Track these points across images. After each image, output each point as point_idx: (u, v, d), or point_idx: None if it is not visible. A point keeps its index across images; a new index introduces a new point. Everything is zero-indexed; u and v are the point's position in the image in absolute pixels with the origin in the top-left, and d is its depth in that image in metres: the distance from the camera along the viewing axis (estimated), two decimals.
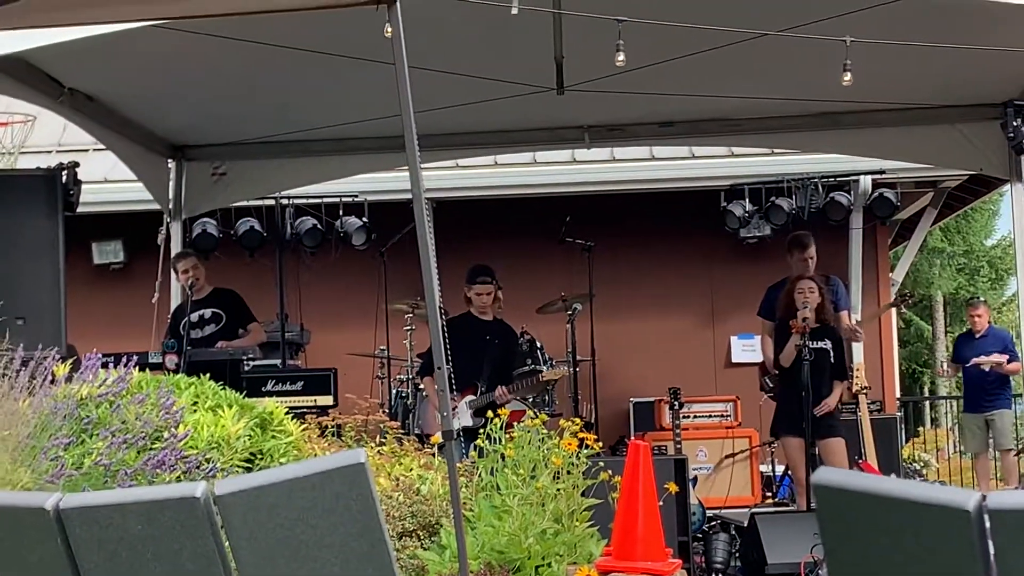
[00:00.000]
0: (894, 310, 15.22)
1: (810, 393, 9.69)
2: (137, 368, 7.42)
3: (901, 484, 1.66)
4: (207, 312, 11.13)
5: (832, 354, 10.08)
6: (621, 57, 7.85)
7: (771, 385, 11.02)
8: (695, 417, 12.33)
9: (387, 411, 11.23)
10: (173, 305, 11.43)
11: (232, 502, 2.03)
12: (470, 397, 10.44)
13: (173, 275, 11.60)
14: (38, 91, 9.41)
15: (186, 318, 10.84)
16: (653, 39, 8.36)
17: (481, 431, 7.51)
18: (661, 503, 6.99)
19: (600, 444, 7.53)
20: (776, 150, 13.28)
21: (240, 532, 2.03)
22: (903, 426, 12.95)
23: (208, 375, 7.97)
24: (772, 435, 10.62)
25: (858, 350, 13.17)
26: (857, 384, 11.54)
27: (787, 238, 11.50)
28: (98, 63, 9.12)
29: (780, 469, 12.13)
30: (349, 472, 1.98)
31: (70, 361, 7.48)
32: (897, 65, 9.23)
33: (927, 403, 30.11)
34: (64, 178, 9.52)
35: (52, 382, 6.79)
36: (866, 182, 13.33)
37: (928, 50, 8.56)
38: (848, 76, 8.24)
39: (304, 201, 12.76)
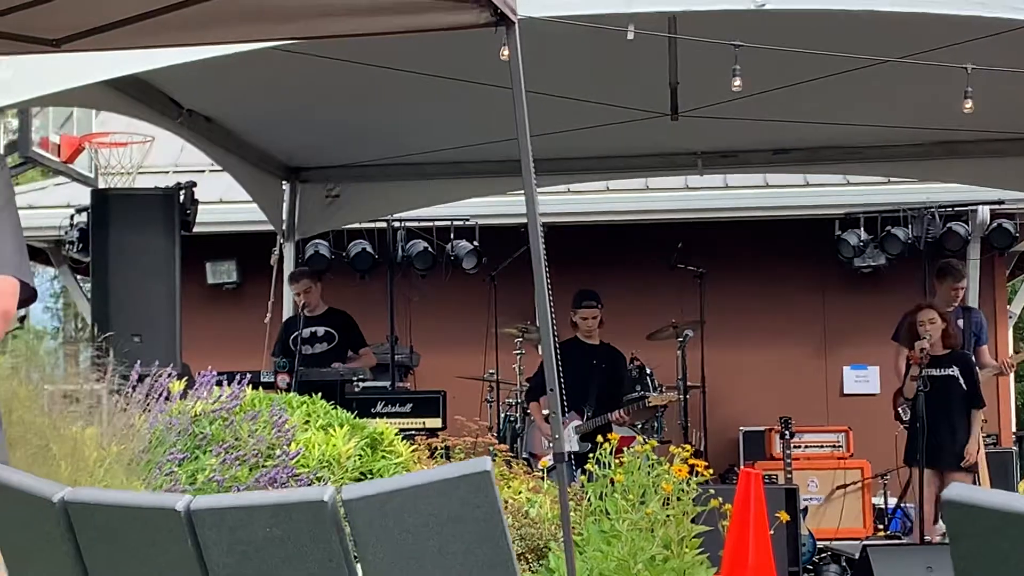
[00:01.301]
0: (1010, 340, 14.96)
1: (926, 424, 9.54)
2: (250, 387, 7.50)
3: None
4: (320, 330, 11.22)
5: (962, 380, 9.85)
6: (737, 82, 7.81)
7: (907, 415, 10.83)
8: (806, 447, 12.20)
9: (495, 434, 11.23)
10: None
11: (359, 507, 2.04)
12: (576, 422, 10.42)
13: (285, 296, 11.72)
14: (157, 112, 9.55)
15: (297, 332, 10.93)
16: (769, 64, 8.31)
17: (590, 455, 7.48)
18: (772, 532, 6.91)
19: (710, 471, 7.46)
20: (892, 178, 13.14)
21: (366, 537, 2.04)
22: (1019, 460, 12.69)
23: (319, 394, 8.03)
24: (906, 463, 10.42)
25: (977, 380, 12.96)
26: None
27: (938, 265, 11.27)
28: (216, 85, 9.24)
29: (893, 501, 11.97)
30: (475, 480, 1.98)
31: (184, 378, 7.58)
32: (1018, 93, 9.10)
33: None
34: (181, 198, 9.66)
35: (167, 398, 6.88)
36: (984, 212, 13.14)
37: None
38: (969, 104, 8.12)
39: (415, 224, 12.82)
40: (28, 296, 3.45)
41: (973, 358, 10.47)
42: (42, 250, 14.28)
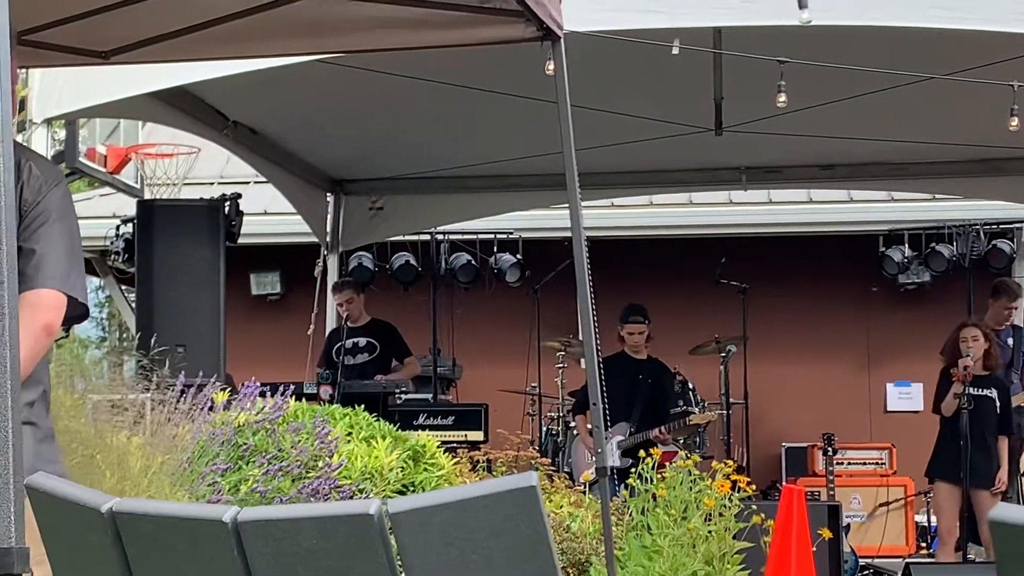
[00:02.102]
0: None
1: (968, 442, 9.50)
2: (293, 398, 7.53)
3: None
4: (362, 340, 11.26)
5: (998, 403, 9.84)
6: (783, 98, 7.81)
7: None
8: (849, 464, 12.16)
9: (537, 448, 11.24)
10: None
11: (404, 520, 2.05)
12: (619, 438, 10.41)
13: (328, 308, 11.76)
14: (203, 123, 9.60)
15: (340, 343, 10.99)
16: (814, 80, 8.30)
17: (632, 471, 7.47)
18: (814, 549, 6.89)
19: (753, 487, 7.45)
20: (937, 195, 13.09)
21: (411, 550, 2.04)
22: None
23: (362, 406, 8.05)
24: (927, 475, 10.38)
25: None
26: None
27: (995, 282, 11.21)
28: (262, 97, 9.28)
29: (936, 520, 11.91)
30: (521, 494, 1.99)
31: (228, 389, 7.61)
32: None
33: None
34: (227, 209, 9.71)
35: (211, 409, 6.91)
36: None
37: None
38: (1016, 121, 8.10)
39: (459, 237, 12.85)
40: (79, 313, 3.48)
41: (1015, 382, 10.42)
42: (87, 260, 14.37)
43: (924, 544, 11.93)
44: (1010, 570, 1.73)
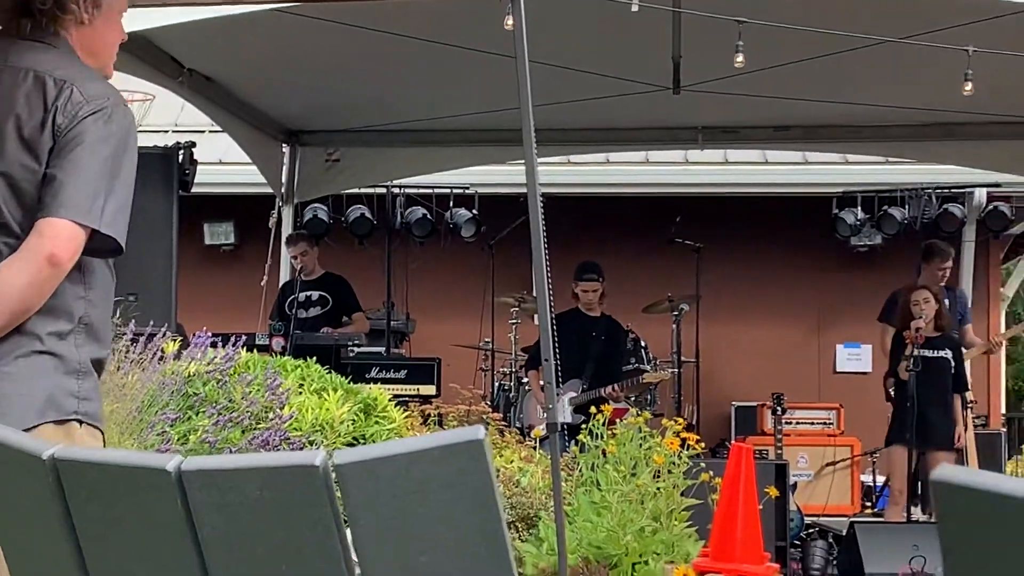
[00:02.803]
0: (1002, 324, 14.98)
1: (916, 404, 9.59)
2: (244, 349, 7.50)
3: None
4: (315, 294, 11.25)
5: (953, 364, 9.94)
6: (740, 58, 7.82)
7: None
8: (797, 423, 12.23)
9: (489, 403, 11.25)
10: None
11: (351, 471, 2.04)
12: (571, 394, 10.45)
13: (283, 259, 11.72)
14: (158, 71, 9.52)
15: (293, 296, 10.96)
16: (772, 42, 8.31)
17: (583, 427, 7.50)
18: (760, 507, 6.93)
19: (702, 445, 7.48)
20: (891, 159, 13.15)
21: (357, 502, 2.04)
22: (1008, 442, 12.73)
23: (314, 358, 8.04)
24: (888, 443, 10.47)
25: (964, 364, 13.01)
26: None
27: (924, 245, 11.31)
28: (219, 45, 9.22)
29: (881, 479, 12.01)
30: (469, 447, 1.99)
31: (179, 339, 7.58)
32: (1018, 77, 9.09)
33: None
34: (180, 158, 9.63)
35: (161, 359, 6.88)
36: (980, 195, 13.16)
37: None
38: (969, 86, 8.14)
39: (415, 191, 12.81)
40: (111, 247, 3.38)
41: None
42: None
43: (869, 504, 12.03)
44: (951, 530, 1.75)
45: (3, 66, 3.44)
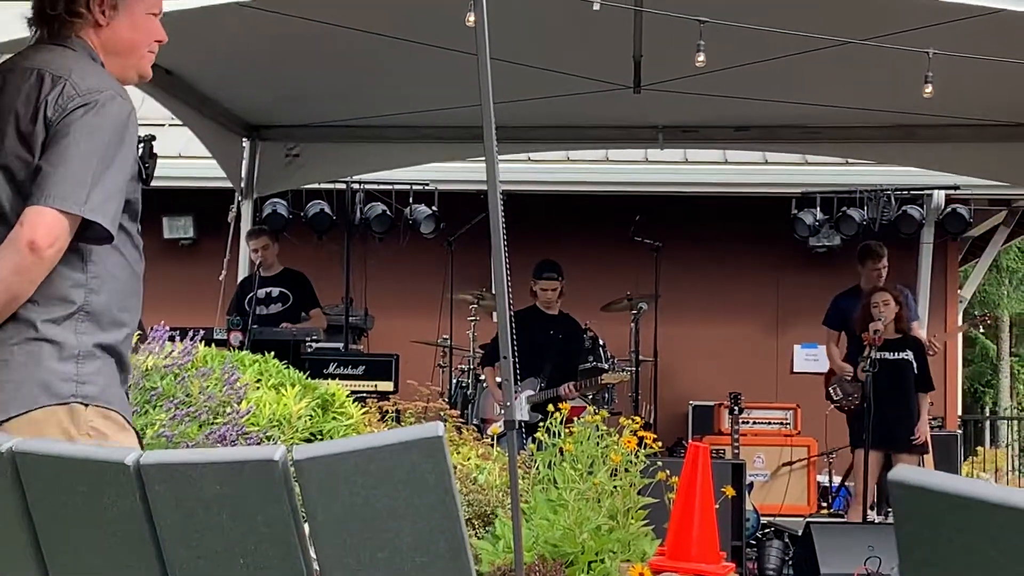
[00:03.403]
0: (960, 324, 15.08)
1: (872, 405, 9.64)
2: (202, 343, 7.48)
3: (982, 486, 1.65)
4: (274, 290, 11.22)
5: (915, 364, 9.99)
6: (701, 58, 7.83)
7: (837, 395, 10.93)
8: (754, 423, 12.29)
9: (447, 400, 11.26)
10: None
11: (309, 467, 2.05)
12: (528, 392, 10.45)
13: (241, 254, 11.68)
14: None
15: (252, 293, 10.93)
16: (733, 42, 8.33)
17: (541, 424, 7.51)
18: (717, 506, 6.96)
19: (659, 444, 7.51)
20: (850, 160, 13.20)
21: (315, 497, 2.04)
22: (964, 444, 12.82)
23: (272, 354, 8.02)
24: (852, 447, 10.50)
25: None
26: None
27: (859, 247, 11.40)
28: (179, 39, 9.08)
29: (837, 480, 12.08)
30: (427, 444, 1.99)
31: (137, 332, 7.54)
32: (978, 80, 9.15)
33: (988, 423, 29.90)
34: (140, 151, 9.57)
35: None
36: (939, 197, 13.24)
37: (1010, 66, 8.48)
38: (929, 88, 8.17)
39: (375, 187, 12.79)
40: (101, 236, 3.42)
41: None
42: None
43: (825, 504, 12.09)
44: (907, 529, 1.76)
45: (13, 67, 3.56)
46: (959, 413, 15.03)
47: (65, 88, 3.42)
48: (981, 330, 14.53)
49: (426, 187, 12.89)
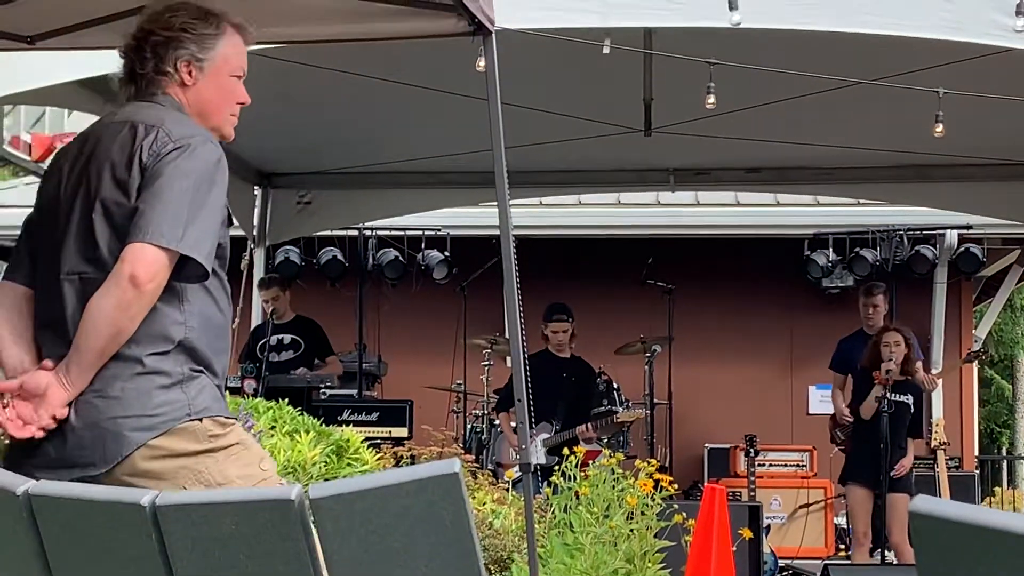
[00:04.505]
0: (975, 366, 15.02)
1: (888, 445, 9.61)
2: None
3: (1004, 516, 1.64)
4: (287, 338, 11.22)
5: (912, 408, 10.00)
6: (711, 100, 7.83)
7: (842, 438, 10.91)
8: (770, 465, 12.23)
9: (462, 445, 11.23)
10: None
11: (326, 506, 2.04)
12: (544, 435, 10.43)
13: (254, 302, 11.69)
14: None
15: (265, 340, 10.93)
16: (743, 83, 8.34)
17: (556, 469, 7.48)
18: (734, 549, 6.93)
19: (675, 487, 7.48)
20: (862, 200, 13.20)
21: (332, 536, 2.03)
22: (981, 484, 12.76)
23: (286, 400, 8.01)
24: (840, 482, 10.50)
25: (937, 405, 13.03)
26: (936, 439, 11.42)
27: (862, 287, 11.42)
28: None
29: None
30: (444, 481, 1.98)
31: None
32: (989, 119, 9.16)
33: (1005, 463, 29.78)
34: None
35: None
36: (952, 236, 13.21)
37: (1021, 105, 8.48)
38: (940, 128, 8.17)
39: (387, 233, 12.81)
40: (199, 273, 3.58)
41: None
42: (11, 248, 14.20)
43: (843, 546, 12.01)
44: (931, 562, 1.75)
45: (108, 123, 3.77)
46: (976, 453, 14.96)
47: (159, 135, 3.60)
48: (976, 364, 14.41)
49: (438, 232, 12.90)
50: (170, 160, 3.56)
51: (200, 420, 3.57)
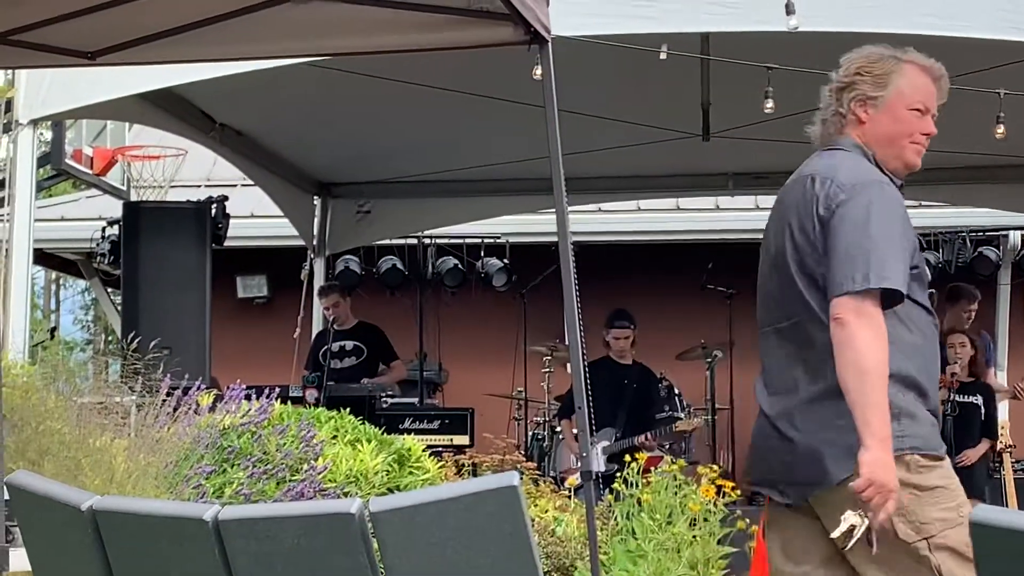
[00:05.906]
0: None
1: (952, 448, 9.52)
2: (278, 401, 7.50)
3: None
4: (349, 344, 11.25)
5: (983, 410, 9.88)
6: (770, 104, 7.82)
7: None
8: None
9: (523, 452, 11.22)
10: None
11: (386, 519, 2.05)
12: (604, 443, 10.40)
13: (315, 311, 11.74)
14: (190, 125, 9.58)
15: (327, 347, 10.97)
16: (802, 86, 8.26)
17: (618, 475, 7.47)
18: None
19: (738, 492, 7.45)
20: (924, 202, 13.10)
21: (393, 549, 2.04)
22: None
23: (347, 410, 8.03)
24: None
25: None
26: (1002, 442, 11.30)
27: (949, 287, 11.26)
28: (249, 99, 9.27)
29: None
30: (503, 494, 1.99)
31: (213, 392, 7.59)
32: None
33: None
34: (213, 212, 9.69)
35: (196, 411, 6.89)
36: (1015, 237, 13.10)
37: None
38: (1002, 129, 8.12)
39: (446, 241, 12.83)
40: (895, 300, 3.80)
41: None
42: (73, 262, 14.36)
43: None
44: (990, 571, 1.73)
45: (797, 177, 4.09)
46: None
47: (830, 187, 3.88)
48: None
49: (497, 240, 12.90)
50: (840, 211, 3.83)
51: (912, 454, 3.76)
